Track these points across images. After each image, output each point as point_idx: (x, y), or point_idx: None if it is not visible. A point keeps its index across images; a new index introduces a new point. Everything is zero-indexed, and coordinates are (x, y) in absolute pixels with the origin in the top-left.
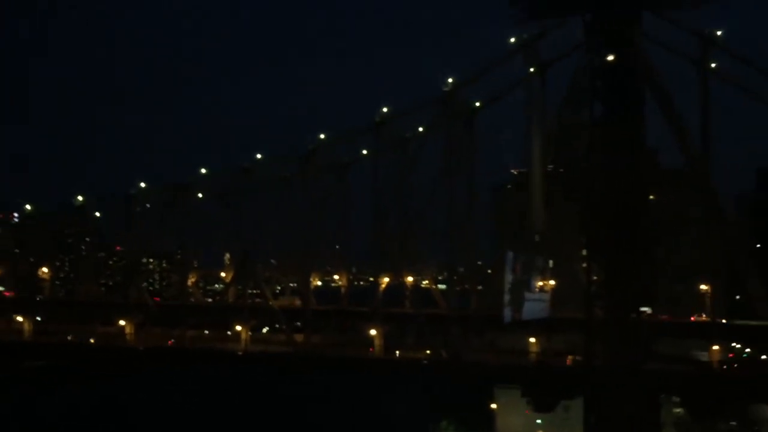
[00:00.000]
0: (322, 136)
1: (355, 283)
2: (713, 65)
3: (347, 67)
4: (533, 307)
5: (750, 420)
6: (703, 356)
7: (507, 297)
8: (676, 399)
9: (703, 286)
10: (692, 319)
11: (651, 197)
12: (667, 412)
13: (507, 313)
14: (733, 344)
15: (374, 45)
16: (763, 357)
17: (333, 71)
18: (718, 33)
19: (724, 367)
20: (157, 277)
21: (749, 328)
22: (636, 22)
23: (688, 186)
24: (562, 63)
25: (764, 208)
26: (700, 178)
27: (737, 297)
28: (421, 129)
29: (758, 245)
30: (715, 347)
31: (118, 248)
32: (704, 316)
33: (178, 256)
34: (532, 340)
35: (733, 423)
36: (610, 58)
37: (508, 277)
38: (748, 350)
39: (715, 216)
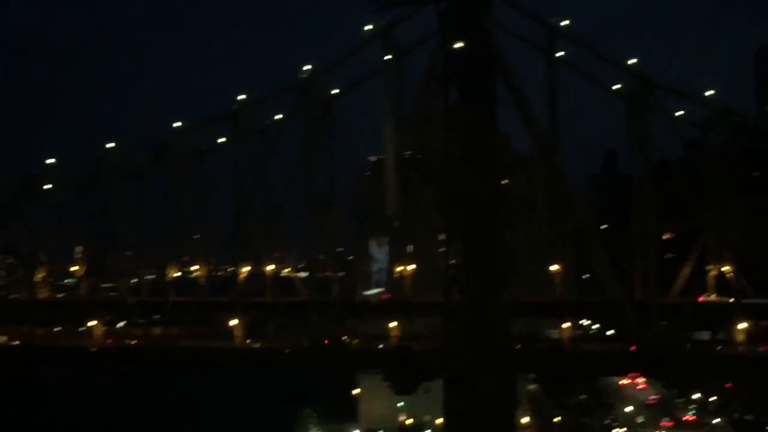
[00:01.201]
0: (177, 123)
1: (215, 273)
2: (560, 54)
3: (204, 53)
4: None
5: (598, 392)
6: (555, 334)
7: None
8: (531, 376)
9: (554, 267)
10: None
11: (505, 182)
12: (523, 390)
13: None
14: (583, 321)
15: (232, 31)
16: (609, 333)
17: (190, 57)
18: (564, 23)
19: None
20: (2, 273)
21: (597, 305)
22: (488, 11)
23: (539, 170)
24: (423, 49)
25: (611, 189)
26: (550, 163)
27: (586, 276)
28: (279, 116)
29: (605, 225)
30: (566, 325)
31: None
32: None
33: (25, 250)
34: (393, 324)
35: (584, 396)
36: (463, 45)
37: (373, 261)
38: (596, 326)
39: (564, 199)
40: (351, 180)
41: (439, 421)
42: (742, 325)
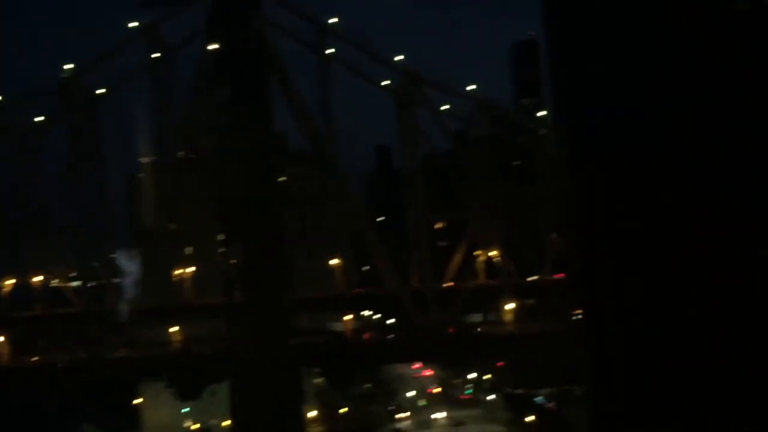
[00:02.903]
0: None
1: None
2: (330, 51)
3: None
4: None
5: (382, 380)
6: (338, 327)
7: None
8: (316, 370)
9: (333, 261)
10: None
11: (282, 179)
12: (309, 384)
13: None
14: (364, 312)
15: None
16: (389, 322)
17: None
18: (333, 20)
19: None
20: None
21: (377, 296)
22: (257, 9)
23: (314, 166)
24: (194, 47)
25: (385, 183)
26: (325, 158)
27: (366, 268)
28: (41, 119)
29: (381, 218)
30: (347, 317)
31: None
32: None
33: None
34: (174, 329)
35: (368, 385)
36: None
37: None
38: (377, 316)
39: (340, 193)
40: (125, 183)
41: (227, 423)
42: (510, 306)
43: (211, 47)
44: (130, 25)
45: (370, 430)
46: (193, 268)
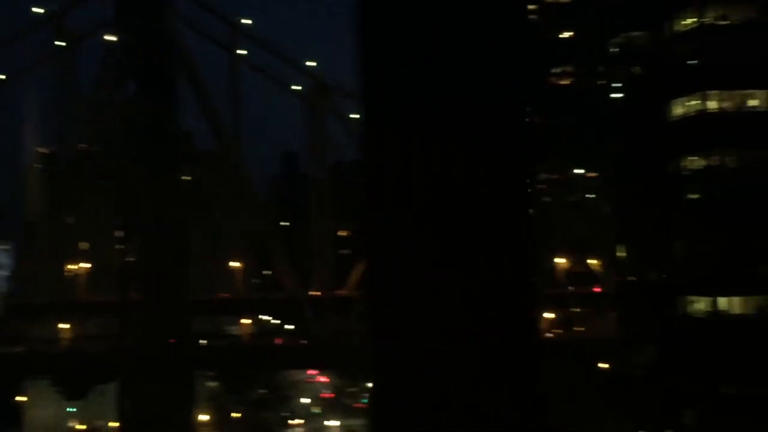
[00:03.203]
0: None
1: None
2: (242, 52)
3: None
4: None
5: (276, 386)
6: (234, 330)
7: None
8: (211, 373)
9: (234, 264)
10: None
11: (185, 178)
12: (202, 387)
13: None
14: (262, 317)
15: None
16: (288, 327)
17: None
18: (246, 21)
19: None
20: None
21: (276, 300)
22: (168, 3)
23: (219, 167)
24: (100, 38)
25: (289, 189)
26: (231, 160)
27: (267, 272)
28: None
29: (284, 223)
30: (246, 321)
31: None
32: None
33: None
34: (64, 326)
35: (263, 391)
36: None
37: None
38: (276, 322)
39: (244, 196)
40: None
41: (114, 424)
42: None
43: (118, 39)
44: (35, 10)
45: None
46: (87, 264)
